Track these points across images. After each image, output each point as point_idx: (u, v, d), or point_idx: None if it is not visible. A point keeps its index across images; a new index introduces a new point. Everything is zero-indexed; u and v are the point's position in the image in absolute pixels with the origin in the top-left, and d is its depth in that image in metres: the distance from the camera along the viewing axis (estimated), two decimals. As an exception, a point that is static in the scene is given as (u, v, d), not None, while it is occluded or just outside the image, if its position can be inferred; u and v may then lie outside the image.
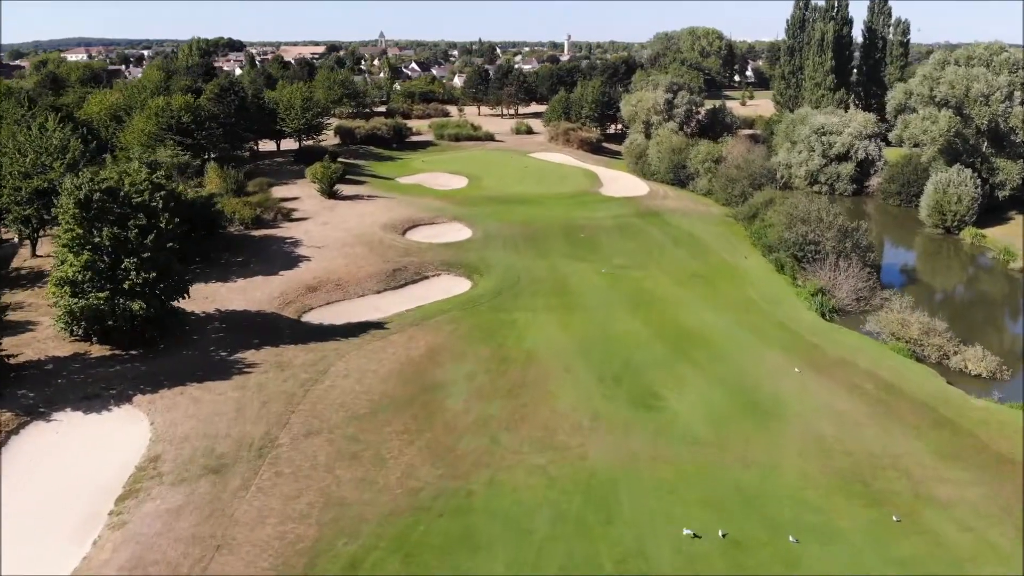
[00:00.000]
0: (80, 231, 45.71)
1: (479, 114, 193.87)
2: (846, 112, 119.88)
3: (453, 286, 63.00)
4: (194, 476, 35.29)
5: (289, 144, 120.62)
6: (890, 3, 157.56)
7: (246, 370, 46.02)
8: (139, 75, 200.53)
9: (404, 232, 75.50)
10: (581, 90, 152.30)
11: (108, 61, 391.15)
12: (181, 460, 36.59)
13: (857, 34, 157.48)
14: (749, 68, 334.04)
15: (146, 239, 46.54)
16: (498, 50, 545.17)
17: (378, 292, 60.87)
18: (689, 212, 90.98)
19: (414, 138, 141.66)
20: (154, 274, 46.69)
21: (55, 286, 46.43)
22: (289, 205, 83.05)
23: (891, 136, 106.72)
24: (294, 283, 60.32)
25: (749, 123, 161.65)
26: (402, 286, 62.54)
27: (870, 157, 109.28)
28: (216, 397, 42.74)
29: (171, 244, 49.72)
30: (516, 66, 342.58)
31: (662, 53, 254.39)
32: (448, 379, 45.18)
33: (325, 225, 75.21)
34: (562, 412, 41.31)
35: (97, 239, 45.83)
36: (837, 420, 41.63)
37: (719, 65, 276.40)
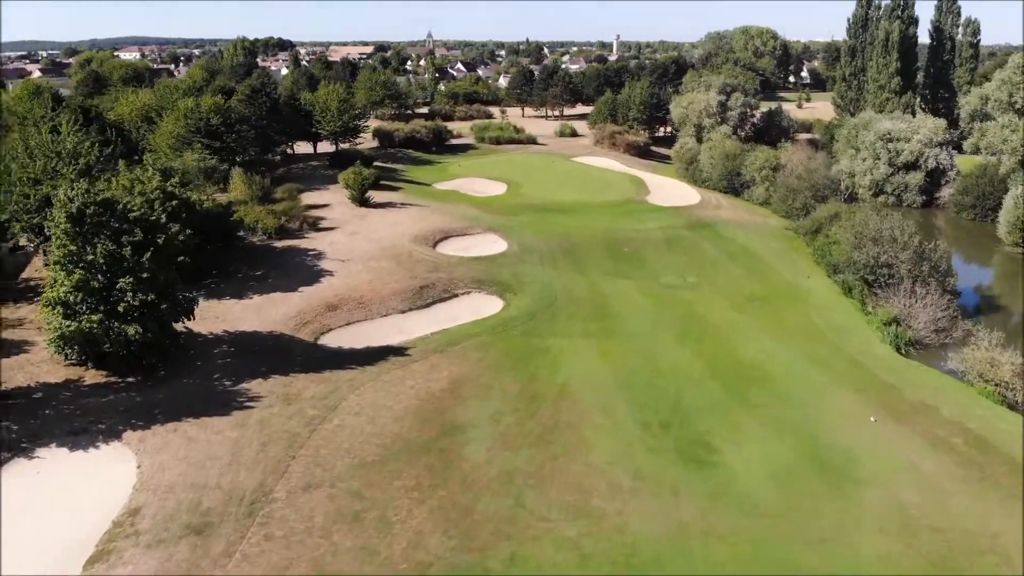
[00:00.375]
0: (73, 247, 41.69)
1: (523, 115, 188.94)
2: (914, 117, 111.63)
3: (484, 306, 57.88)
4: (174, 537, 30.72)
5: (326, 147, 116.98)
6: (959, 2, 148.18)
7: (249, 404, 41.49)
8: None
9: (435, 244, 70.62)
10: (629, 91, 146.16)
11: (159, 60, 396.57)
12: (163, 515, 32.07)
13: (922, 35, 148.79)
14: (804, 69, 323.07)
15: (143, 256, 42.28)
16: (545, 50, 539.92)
17: (403, 312, 56.02)
18: (745, 224, 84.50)
19: (454, 141, 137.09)
20: (152, 296, 42.42)
21: (46, 307, 42.50)
22: (317, 213, 78.88)
23: (966, 144, 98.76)
24: (314, 301, 55.80)
25: (807, 127, 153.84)
26: (429, 305, 57.62)
27: (941, 166, 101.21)
28: (212, 436, 38.26)
29: (177, 260, 45.51)
30: (563, 66, 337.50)
31: (714, 53, 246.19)
32: (470, 420, 40.03)
33: (353, 236, 70.71)
34: (598, 467, 35.82)
35: (91, 256, 41.74)
36: (921, 485, 35.38)
37: (773, 66, 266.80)
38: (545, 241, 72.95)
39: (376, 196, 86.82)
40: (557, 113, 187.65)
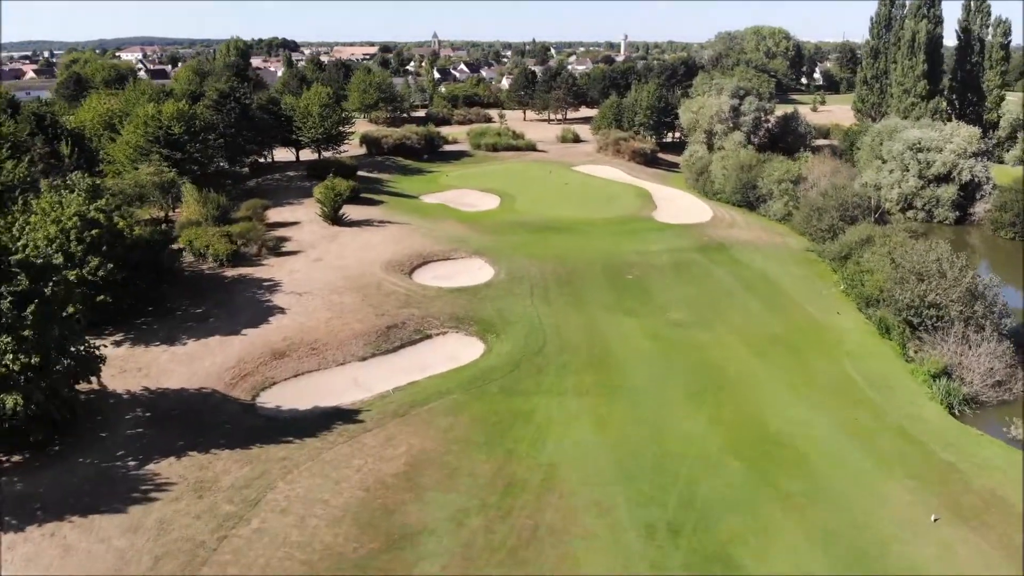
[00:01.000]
0: (-65, 298, 33.37)
1: (524, 119, 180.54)
2: (945, 125, 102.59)
3: (461, 351, 49.35)
4: None
5: (310, 155, 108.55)
6: (988, 1, 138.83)
7: (152, 494, 33.07)
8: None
9: (411, 272, 62.05)
10: (635, 94, 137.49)
11: (157, 61, 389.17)
12: None
13: (947, 36, 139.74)
14: (817, 70, 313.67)
15: (24, 310, 33.89)
16: (552, 50, 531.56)
17: (363, 359, 47.54)
18: (762, 245, 75.74)
19: (449, 147, 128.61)
20: (38, 357, 34.01)
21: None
22: (283, 233, 70.50)
23: (1007, 156, 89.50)
24: (258, 346, 47.35)
25: (824, 132, 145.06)
26: (396, 349, 49.11)
27: (976, 179, 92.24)
28: (95, 546, 29.86)
29: (72, 310, 37.16)
30: (569, 66, 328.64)
31: (724, 54, 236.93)
32: (426, 523, 31.49)
33: (317, 262, 62.19)
34: (587, 604, 27.25)
35: (-42, 310, 33.40)
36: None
37: (786, 67, 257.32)
38: (538, 267, 64.30)
39: (354, 212, 78.36)
40: (560, 117, 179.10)
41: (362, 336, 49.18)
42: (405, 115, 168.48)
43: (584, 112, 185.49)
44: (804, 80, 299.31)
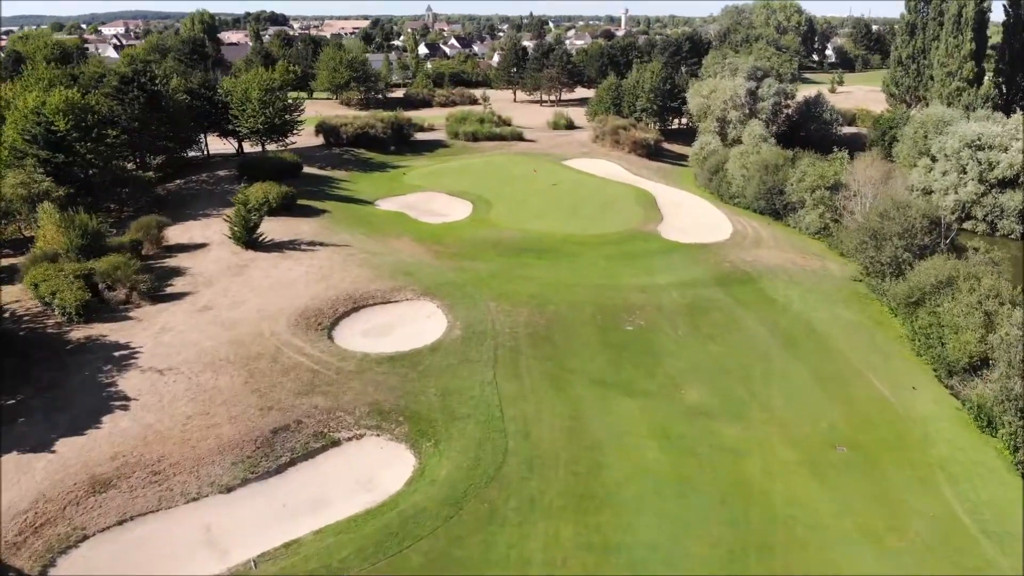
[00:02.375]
0: None
1: (514, 100, 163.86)
2: (1008, 118, 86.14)
3: (379, 472, 33.50)
4: None
5: (256, 148, 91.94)
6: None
7: None
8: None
9: (332, 325, 45.90)
10: (637, 75, 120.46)
11: (133, 36, 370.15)
12: None
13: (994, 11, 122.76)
14: (829, 47, 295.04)
15: None
16: (550, 24, 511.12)
17: (229, 489, 31.67)
18: (797, 273, 59.63)
19: (423, 135, 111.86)
20: None
21: None
22: (178, 262, 54.39)
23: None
24: (73, 470, 31.47)
25: (849, 118, 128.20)
26: (282, 470, 33.20)
27: (1050, 184, 76.02)
28: None
29: None
30: (567, 42, 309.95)
31: (732, 29, 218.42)
32: None
33: (203, 313, 45.96)
34: None
35: None
36: None
37: (797, 43, 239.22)
38: (508, 314, 48.17)
39: (282, 228, 62.27)
40: (553, 98, 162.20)
41: (232, 448, 33.18)
42: (380, 96, 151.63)
43: (580, 93, 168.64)
44: (815, 57, 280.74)
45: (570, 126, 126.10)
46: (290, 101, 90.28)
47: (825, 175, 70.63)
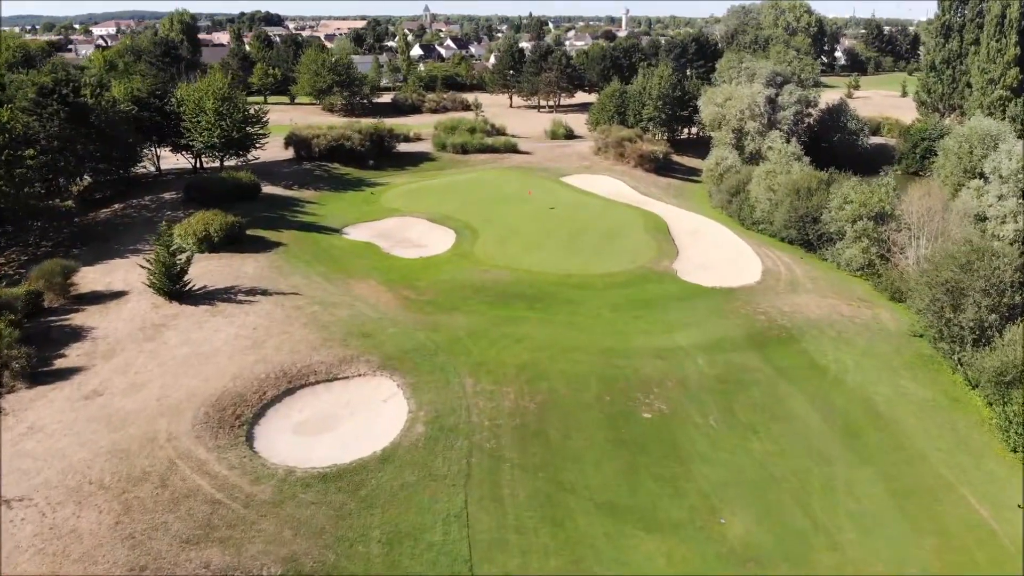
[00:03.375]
0: None
1: (510, 105, 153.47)
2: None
3: None
4: None
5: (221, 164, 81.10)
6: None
7: None
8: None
9: (256, 418, 34.94)
10: (643, 80, 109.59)
11: (124, 35, 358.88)
12: None
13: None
14: (839, 49, 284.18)
15: None
16: (549, 25, 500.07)
17: None
18: (845, 327, 48.85)
19: (407, 147, 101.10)
20: None
21: None
22: (83, 319, 43.62)
23: None
24: None
25: (873, 128, 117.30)
26: None
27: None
28: None
29: None
30: (567, 43, 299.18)
31: (740, 30, 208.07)
32: None
33: (88, 402, 35.06)
34: None
35: None
36: None
37: (808, 44, 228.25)
38: (489, 397, 37.34)
39: (221, 269, 51.62)
40: (552, 103, 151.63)
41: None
42: (365, 102, 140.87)
43: (580, 98, 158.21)
44: (824, 59, 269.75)
45: (569, 135, 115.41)
46: (251, 111, 79.42)
47: (869, 203, 59.81)
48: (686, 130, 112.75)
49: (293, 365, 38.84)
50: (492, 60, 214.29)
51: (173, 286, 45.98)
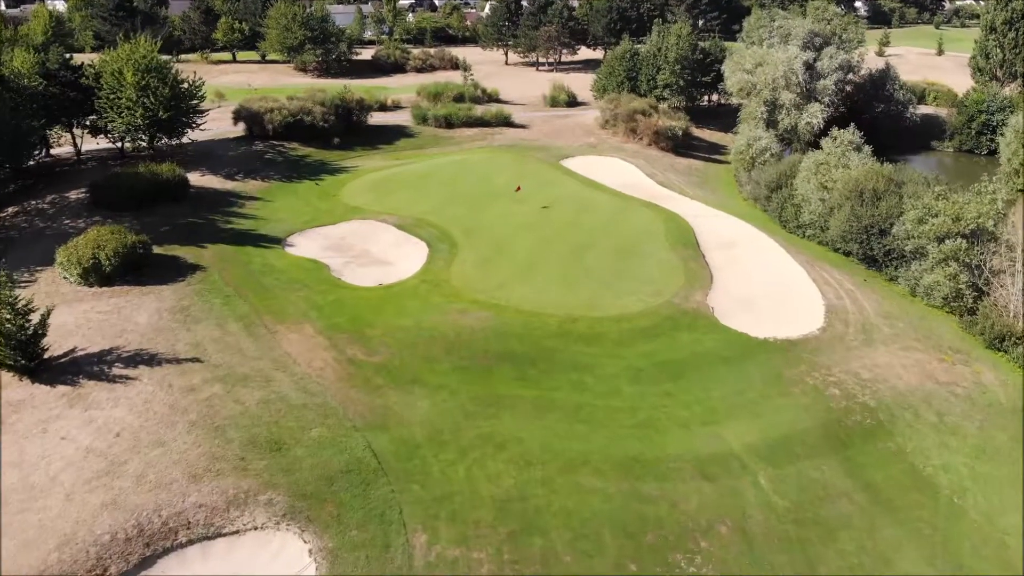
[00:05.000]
0: None
1: (506, 62, 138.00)
2: None
3: None
4: None
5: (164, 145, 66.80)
6: None
7: None
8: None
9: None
10: (657, 40, 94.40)
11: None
12: None
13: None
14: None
15: None
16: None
17: None
18: (944, 402, 35.91)
19: (383, 117, 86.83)
20: None
21: None
22: None
23: None
24: None
25: (918, 95, 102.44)
26: None
27: None
28: None
29: None
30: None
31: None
32: None
33: None
34: None
35: None
36: None
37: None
38: (451, 571, 24.25)
39: (104, 315, 38.45)
40: (552, 59, 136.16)
41: None
42: (344, 61, 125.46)
43: (584, 55, 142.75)
44: (843, 10, 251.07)
45: (572, 102, 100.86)
46: (184, 85, 64.92)
47: (964, 217, 46.05)
48: (707, 97, 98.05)
49: (158, 512, 25.70)
50: (487, 10, 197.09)
51: (22, 360, 32.50)
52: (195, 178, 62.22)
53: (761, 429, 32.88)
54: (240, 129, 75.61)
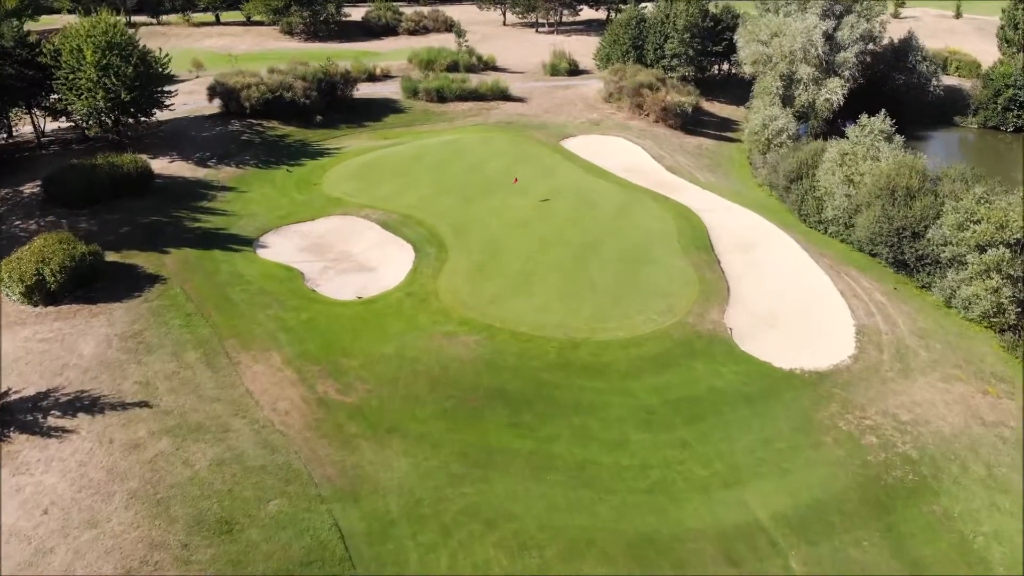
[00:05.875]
0: None
1: (504, 23, 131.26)
2: None
3: None
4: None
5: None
6: None
7: None
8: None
9: None
10: (666, 4, 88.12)
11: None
12: None
13: None
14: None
15: None
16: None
17: None
18: (992, 452, 31.95)
19: (371, 89, 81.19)
20: None
21: None
22: None
23: None
24: None
25: (939, 64, 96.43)
26: None
27: None
28: None
29: None
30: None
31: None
32: None
33: None
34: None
35: None
36: None
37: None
38: None
39: (44, 343, 34.13)
40: (552, 21, 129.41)
41: None
42: (333, 24, 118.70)
43: (586, 15, 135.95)
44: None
45: (573, 70, 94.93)
46: (154, 64, 59.38)
47: (1009, 223, 41.29)
48: (716, 66, 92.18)
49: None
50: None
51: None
52: (163, 165, 57.24)
53: (791, 492, 28.62)
54: (216, 106, 70.01)
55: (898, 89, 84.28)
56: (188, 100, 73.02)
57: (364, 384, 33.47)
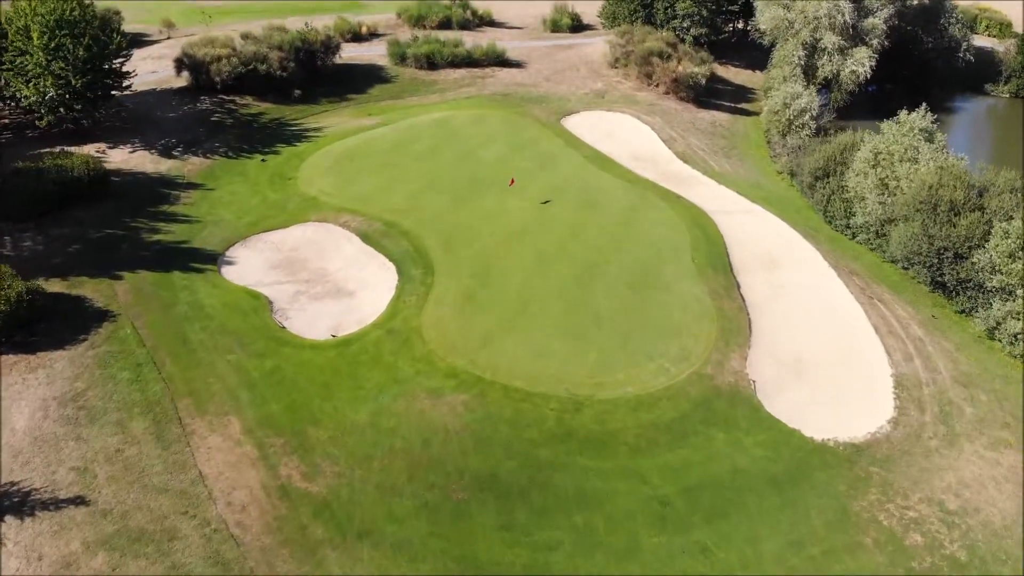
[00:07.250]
0: None
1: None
2: None
3: None
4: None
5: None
6: None
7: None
8: None
9: None
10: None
11: None
12: None
13: None
14: None
15: None
16: None
17: None
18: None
19: (355, 53, 74.90)
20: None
21: None
22: None
23: None
24: None
25: (970, 23, 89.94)
26: None
27: None
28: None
29: None
30: None
31: None
32: None
33: None
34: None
35: None
36: None
37: None
38: None
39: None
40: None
41: None
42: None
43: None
44: None
45: (576, 26, 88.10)
46: (112, 45, 53.13)
47: (1073, 255, 36.37)
48: (731, 24, 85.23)
49: None
50: None
51: None
52: (123, 157, 51.84)
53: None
54: (184, 79, 63.83)
55: (926, 53, 77.84)
56: (157, 67, 67.07)
57: (333, 466, 29.16)
